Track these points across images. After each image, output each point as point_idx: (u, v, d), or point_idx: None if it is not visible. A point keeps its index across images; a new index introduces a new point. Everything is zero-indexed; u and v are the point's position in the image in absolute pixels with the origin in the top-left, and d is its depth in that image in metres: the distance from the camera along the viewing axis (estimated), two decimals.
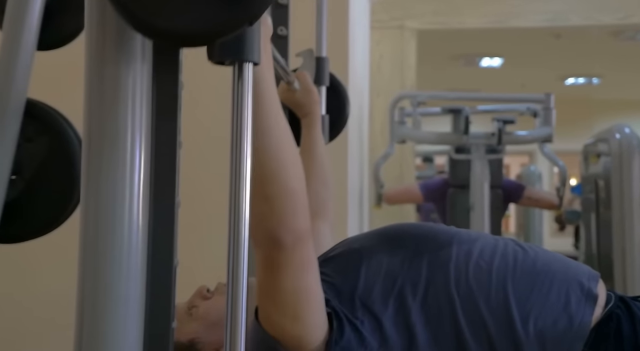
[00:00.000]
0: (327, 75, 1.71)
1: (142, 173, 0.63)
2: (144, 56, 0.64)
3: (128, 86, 0.63)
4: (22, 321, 2.35)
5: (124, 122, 0.62)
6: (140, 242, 0.62)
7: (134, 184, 0.62)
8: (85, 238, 0.62)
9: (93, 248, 0.61)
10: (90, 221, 0.61)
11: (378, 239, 1.16)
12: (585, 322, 1.05)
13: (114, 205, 0.61)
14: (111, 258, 0.60)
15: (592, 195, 3.98)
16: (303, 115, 1.53)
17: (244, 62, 0.63)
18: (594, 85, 8.38)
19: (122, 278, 0.61)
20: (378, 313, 1.04)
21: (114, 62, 0.63)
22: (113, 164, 0.61)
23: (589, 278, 1.11)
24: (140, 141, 0.63)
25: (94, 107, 0.64)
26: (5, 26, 1.05)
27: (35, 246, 1.19)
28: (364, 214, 3.75)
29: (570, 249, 5.76)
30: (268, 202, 0.91)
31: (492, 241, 1.15)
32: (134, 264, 0.62)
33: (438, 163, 6.33)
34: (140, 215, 0.62)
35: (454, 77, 7.79)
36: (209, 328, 1.14)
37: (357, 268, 1.09)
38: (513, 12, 5.13)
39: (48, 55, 1.13)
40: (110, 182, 0.61)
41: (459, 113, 3.73)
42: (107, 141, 0.61)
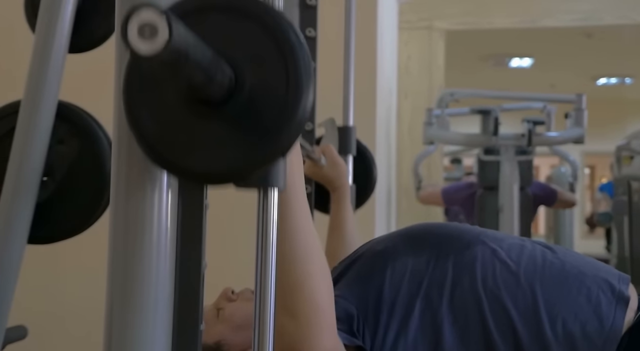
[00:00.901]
0: (353, 144, 1.68)
1: (171, 178, 0.63)
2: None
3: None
4: (51, 329, 2.39)
5: None
6: (169, 243, 0.62)
7: (163, 185, 0.62)
8: (114, 240, 0.62)
9: (122, 250, 0.61)
10: (120, 223, 0.62)
11: (402, 240, 1.15)
12: (617, 325, 1.03)
13: (142, 206, 0.61)
14: (140, 260, 0.60)
15: (625, 197, 3.91)
16: (332, 190, 1.52)
17: (269, 187, 0.63)
18: (626, 85, 8.25)
19: (151, 280, 0.61)
20: (404, 314, 1.04)
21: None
22: (142, 166, 0.61)
23: (620, 280, 1.08)
24: None
25: (124, 115, 0.64)
26: (38, 29, 1.07)
27: (66, 251, 1.20)
28: (392, 214, 3.73)
29: (602, 251, 5.68)
30: (292, 316, 0.87)
31: (519, 241, 1.14)
32: (162, 266, 0.62)
33: (466, 165, 6.28)
34: (169, 216, 0.62)
35: (482, 78, 7.73)
36: (234, 330, 1.14)
37: (383, 270, 1.08)
38: (543, 12, 5.07)
39: (79, 58, 1.14)
40: (140, 184, 0.62)
41: (488, 114, 3.70)
42: (136, 145, 0.61)
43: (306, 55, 0.58)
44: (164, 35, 0.46)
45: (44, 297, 2.38)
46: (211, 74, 0.54)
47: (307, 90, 0.57)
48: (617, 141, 4.23)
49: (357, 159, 1.71)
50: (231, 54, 0.57)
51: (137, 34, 0.46)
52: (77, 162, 1.08)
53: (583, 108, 3.56)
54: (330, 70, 1.76)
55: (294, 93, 0.57)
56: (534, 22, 5.13)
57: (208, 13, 0.58)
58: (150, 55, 0.46)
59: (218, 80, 0.55)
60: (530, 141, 3.57)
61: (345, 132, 1.68)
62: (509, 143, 3.63)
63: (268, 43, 0.57)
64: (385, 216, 3.20)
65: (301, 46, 0.58)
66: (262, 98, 0.57)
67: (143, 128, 0.58)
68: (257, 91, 0.57)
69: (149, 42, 0.46)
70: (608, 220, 4.91)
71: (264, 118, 0.57)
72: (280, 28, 0.58)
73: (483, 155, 3.86)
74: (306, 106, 0.57)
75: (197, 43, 0.51)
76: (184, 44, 0.48)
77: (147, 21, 0.46)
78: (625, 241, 3.94)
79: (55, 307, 2.43)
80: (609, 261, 4.36)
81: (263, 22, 0.58)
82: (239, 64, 0.57)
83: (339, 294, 1.06)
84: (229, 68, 0.57)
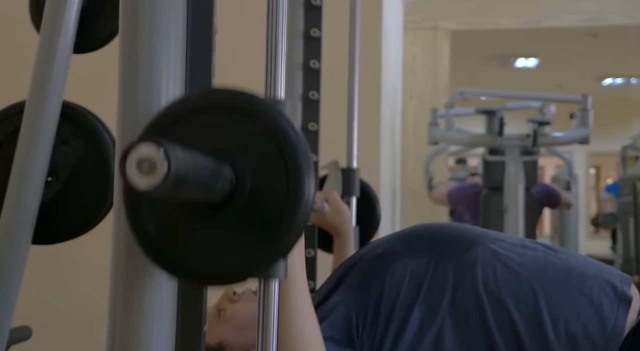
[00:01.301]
0: (357, 186, 1.67)
1: None
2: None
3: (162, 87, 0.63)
4: (60, 324, 2.39)
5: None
6: None
7: None
8: (117, 241, 0.62)
9: (125, 251, 0.61)
10: (123, 223, 0.62)
11: (402, 242, 1.15)
12: (619, 326, 1.03)
13: None
14: (143, 260, 0.60)
15: (630, 198, 3.90)
16: (336, 236, 1.52)
17: (270, 279, 0.63)
18: (632, 86, 8.22)
19: (154, 280, 0.61)
20: (403, 319, 1.03)
21: (147, 65, 0.64)
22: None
23: (622, 280, 1.08)
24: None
25: (127, 110, 0.64)
26: (43, 30, 1.07)
27: (70, 252, 1.20)
28: (396, 214, 3.73)
29: (607, 252, 5.66)
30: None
31: (520, 242, 1.13)
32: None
33: (471, 165, 6.27)
34: None
35: (488, 78, 7.71)
36: (237, 330, 1.14)
37: (383, 274, 1.07)
38: (549, 12, 5.06)
39: (85, 58, 1.14)
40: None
41: (493, 115, 3.69)
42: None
43: (304, 148, 0.57)
44: (163, 169, 0.46)
45: (48, 298, 2.38)
46: (211, 187, 0.54)
47: (308, 192, 0.56)
48: (623, 141, 4.22)
49: (360, 199, 1.70)
50: (232, 156, 0.57)
51: (136, 169, 0.47)
52: (81, 162, 1.08)
53: (588, 108, 3.55)
54: (335, 70, 1.75)
55: (295, 190, 0.56)
56: (539, 22, 5.11)
57: (209, 113, 0.58)
58: (149, 190, 0.46)
59: (218, 189, 0.55)
60: (536, 141, 3.56)
61: (349, 174, 1.66)
62: (514, 144, 3.62)
63: (268, 143, 0.57)
64: (389, 216, 3.19)
65: (299, 139, 0.57)
66: (262, 200, 0.57)
67: (144, 232, 0.57)
68: (257, 193, 0.57)
69: (148, 178, 0.46)
70: (613, 220, 4.90)
71: (264, 221, 0.56)
72: (281, 128, 0.57)
73: (488, 156, 3.85)
74: (307, 208, 0.56)
75: (197, 162, 0.51)
76: (182, 171, 0.48)
77: (145, 157, 0.46)
78: (631, 241, 3.93)
79: (59, 308, 2.43)
80: (614, 261, 4.35)
81: (263, 121, 0.57)
82: (240, 165, 0.57)
83: (338, 300, 1.06)
84: (229, 170, 0.56)
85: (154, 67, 0.64)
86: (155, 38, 0.64)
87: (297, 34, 1.56)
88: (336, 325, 1.02)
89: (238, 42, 2.13)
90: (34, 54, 1.06)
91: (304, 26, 1.58)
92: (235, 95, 0.58)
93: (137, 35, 0.64)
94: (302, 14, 1.57)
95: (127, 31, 0.65)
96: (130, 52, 0.64)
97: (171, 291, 0.62)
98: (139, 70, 0.64)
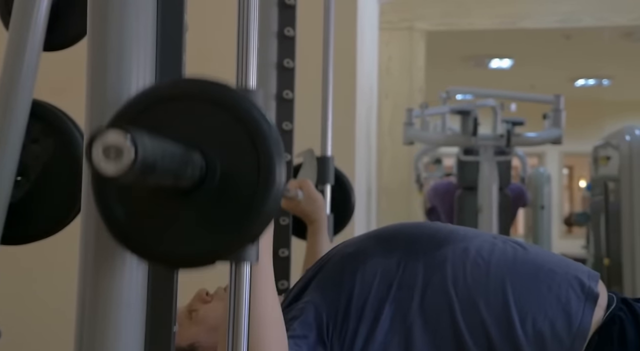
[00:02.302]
0: (332, 174, 1.69)
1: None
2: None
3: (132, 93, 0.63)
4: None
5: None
6: None
7: None
8: (85, 241, 0.61)
9: (93, 251, 0.61)
10: (91, 224, 0.61)
11: (373, 242, 1.15)
12: (586, 323, 1.03)
13: None
14: (112, 260, 0.60)
15: (602, 197, 3.95)
16: (309, 223, 1.53)
17: (241, 262, 0.63)
18: (604, 87, 8.34)
19: (123, 281, 0.61)
20: (374, 319, 1.03)
21: (116, 67, 0.63)
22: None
23: (589, 277, 1.08)
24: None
25: (95, 102, 0.63)
26: (12, 27, 1.05)
27: (40, 252, 1.19)
28: (372, 214, 3.74)
29: (580, 251, 5.73)
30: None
31: (490, 239, 1.13)
32: (135, 267, 0.61)
33: (446, 165, 6.31)
34: None
35: (463, 79, 7.75)
36: (209, 332, 1.13)
37: (353, 274, 1.07)
38: (523, 13, 5.11)
39: (54, 56, 1.12)
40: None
41: (468, 115, 3.72)
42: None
43: (276, 138, 0.58)
44: (130, 156, 0.46)
45: (16, 299, 2.35)
46: (180, 174, 0.54)
47: (279, 173, 0.57)
48: (595, 142, 4.27)
49: (335, 187, 1.71)
50: (202, 143, 0.57)
51: (103, 155, 0.47)
52: (51, 161, 1.07)
53: (561, 109, 3.59)
54: (309, 69, 1.75)
55: (265, 177, 0.57)
56: (514, 23, 5.16)
57: (180, 102, 0.58)
58: (115, 175, 0.46)
59: (188, 175, 0.55)
60: (509, 141, 3.59)
61: (323, 163, 1.67)
62: (488, 144, 3.66)
63: (240, 132, 0.57)
64: (365, 215, 3.20)
65: (270, 129, 0.58)
66: (233, 186, 0.57)
67: (113, 217, 0.58)
68: (228, 180, 0.57)
69: (114, 163, 0.46)
70: (585, 220, 4.96)
71: (235, 207, 0.57)
72: (253, 118, 0.57)
73: (462, 156, 3.88)
74: (278, 190, 0.57)
75: (165, 150, 0.51)
76: (150, 158, 0.48)
77: (112, 143, 0.46)
78: (602, 240, 3.98)
79: (29, 309, 2.40)
80: (585, 261, 4.41)
81: (235, 111, 0.57)
82: (210, 153, 0.57)
83: (309, 299, 1.06)
84: (199, 157, 0.57)
85: (123, 60, 0.63)
86: (125, 32, 0.63)
87: (271, 33, 1.56)
88: (307, 325, 1.02)
89: (216, 40, 2.12)
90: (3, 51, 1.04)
91: (278, 25, 1.58)
92: (207, 85, 0.58)
93: (106, 29, 0.63)
94: (276, 12, 1.57)
95: (96, 24, 0.64)
96: (100, 45, 0.64)
97: (141, 290, 0.62)
98: (108, 63, 0.63)
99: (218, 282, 1.18)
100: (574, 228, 8.72)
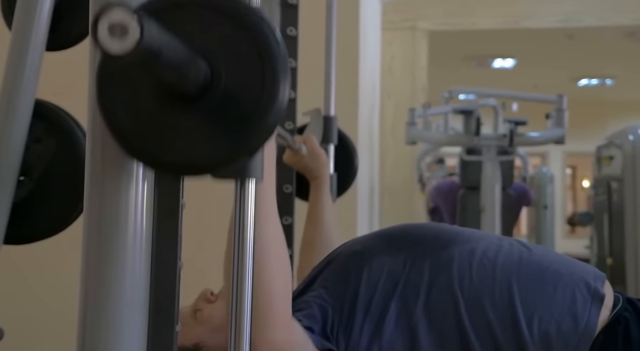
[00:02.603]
0: (335, 133, 1.70)
1: (147, 173, 0.62)
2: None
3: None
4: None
5: None
6: (144, 243, 0.62)
7: (138, 185, 0.62)
8: (88, 241, 0.61)
9: (96, 251, 0.61)
10: (94, 223, 0.61)
11: (380, 240, 1.15)
12: (592, 323, 1.03)
13: (117, 204, 0.61)
14: (115, 260, 0.60)
15: (605, 197, 3.95)
16: (312, 179, 1.53)
17: (246, 178, 0.64)
18: (607, 87, 8.32)
19: (126, 280, 0.61)
20: (380, 316, 1.04)
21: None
22: (117, 166, 0.61)
23: (595, 278, 1.09)
24: None
25: (97, 109, 0.63)
26: (15, 27, 1.05)
27: (43, 251, 1.19)
28: (374, 214, 3.74)
29: (583, 251, 5.72)
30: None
31: (496, 240, 1.14)
32: (137, 266, 0.61)
33: (449, 165, 6.31)
34: (144, 216, 0.62)
35: (465, 79, 7.75)
36: (213, 332, 1.13)
37: (359, 272, 1.08)
38: (526, 13, 5.10)
39: (57, 56, 1.13)
40: (114, 184, 0.61)
41: (470, 114, 3.71)
42: (111, 142, 0.60)
43: (283, 53, 0.58)
44: (135, 35, 0.45)
45: (20, 298, 2.35)
46: (184, 72, 0.54)
47: (283, 88, 0.58)
48: (598, 141, 4.26)
49: (338, 148, 1.72)
50: (207, 51, 0.57)
51: (108, 33, 0.46)
52: (54, 160, 1.07)
53: (564, 108, 3.59)
54: (312, 69, 1.75)
55: (270, 91, 0.57)
56: (516, 23, 5.16)
57: (186, 9, 0.58)
58: (120, 54, 0.46)
59: (192, 77, 0.55)
60: (512, 141, 3.59)
61: (327, 122, 1.68)
62: (491, 144, 3.65)
63: (245, 41, 0.58)
64: (367, 216, 3.20)
65: (278, 44, 0.58)
66: (237, 94, 0.57)
67: (117, 122, 0.58)
68: (232, 87, 0.58)
69: (120, 42, 0.45)
70: (588, 220, 4.95)
71: (239, 115, 0.57)
72: (258, 26, 0.58)
73: (465, 155, 3.87)
74: (281, 104, 0.58)
75: (170, 42, 0.51)
76: (156, 43, 0.48)
77: (118, 21, 0.46)
78: (605, 240, 3.97)
79: (32, 308, 2.40)
80: (589, 260, 4.40)
81: (240, 19, 0.58)
82: (215, 61, 0.57)
83: (315, 294, 1.06)
84: (205, 64, 0.57)
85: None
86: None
87: None
88: (313, 318, 1.02)
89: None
90: (6, 50, 1.04)
91: (280, 25, 1.58)
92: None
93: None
94: (278, 12, 1.57)
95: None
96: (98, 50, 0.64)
97: (144, 289, 0.62)
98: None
99: (221, 283, 1.18)
100: (577, 228, 8.71)
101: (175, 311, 0.65)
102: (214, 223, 1.97)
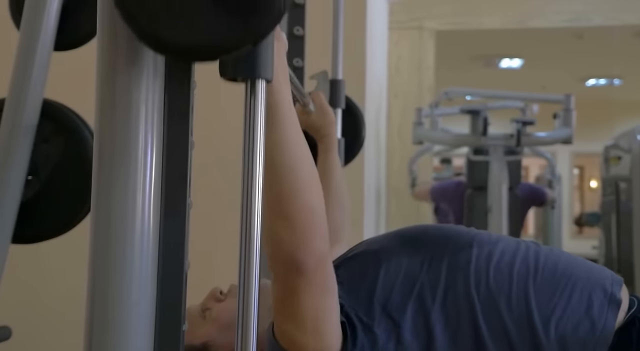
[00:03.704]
0: (343, 97, 1.68)
1: (153, 174, 0.62)
2: (155, 63, 0.64)
3: (141, 89, 0.63)
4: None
5: (135, 123, 0.62)
6: (151, 243, 0.62)
7: (146, 186, 0.62)
8: (95, 240, 0.61)
9: (103, 250, 0.61)
10: (101, 223, 0.61)
11: (398, 240, 1.15)
12: (609, 327, 1.03)
13: (124, 206, 0.61)
14: (122, 260, 0.60)
15: (613, 197, 3.93)
16: (319, 138, 1.50)
17: (257, 78, 0.63)
18: (615, 86, 8.29)
19: (133, 280, 0.61)
20: (396, 315, 1.03)
21: (126, 68, 0.63)
22: (124, 166, 0.61)
23: (613, 282, 1.09)
24: (152, 141, 0.63)
25: (105, 109, 0.63)
26: (23, 27, 1.06)
27: (50, 251, 1.19)
28: (381, 215, 3.73)
29: (591, 252, 5.70)
30: (288, 223, 0.88)
31: (514, 243, 1.13)
32: (144, 266, 0.61)
33: (456, 165, 6.30)
34: (152, 216, 0.62)
35: (472, 79, 7.74)
36: (222, 330, 1.13)
37: (376, 270, 1.08)
38: (533, 13, 5.09)
39: (65, 56, 1.13)
40: (122, 184, 0.61)
41: (477, 114, 3.70)
42: (119, 142, 0.60)
43: None
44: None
45: (28, 298, 2.36)
46: None
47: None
48: (606, 142, 4.25)
49: (346, 115, 1.69)
50: None
51: None
52: (62, 160, 1.08)
53: (571, 108, 3.57)
54: (319, 69, 1.75)
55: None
56: (524, 23, 5.14)
57: None
58: None
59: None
60: (519, 141, 3.58)
61: (334, 85, 1.66)
62: (498, 144, 3.64)
63: None
64: (374, 217, 3.20)
65: None
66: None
67: (127, 5, 0.58)
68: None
69: None
70: (596, 220, 4.93)
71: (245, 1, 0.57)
72: None
73: (472, 155, 3.87)
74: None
75: None
76: None
77: None
78: (613, 241, 3.96)
79: (39, 307, 2.41)
80: (597, 261, 4.38)
81: None
82: None
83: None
84: None
85: (133, 67, 0.63)
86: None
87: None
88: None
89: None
90: (14, 50, 1.05)
91: (287, 24, 1.58)
92: None
93: (116, 29, 0.63)
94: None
95: (106, 24, 0.64)
96: (108, 54, 0.64)
97: (150, 288, 0.62)
98: (117, 62, 0.63)
99: (230, 281, 1.18)
100: (584, 228, 8.68)
101: (182, 309, 0.65)
102: (222, 220, 1.98)
